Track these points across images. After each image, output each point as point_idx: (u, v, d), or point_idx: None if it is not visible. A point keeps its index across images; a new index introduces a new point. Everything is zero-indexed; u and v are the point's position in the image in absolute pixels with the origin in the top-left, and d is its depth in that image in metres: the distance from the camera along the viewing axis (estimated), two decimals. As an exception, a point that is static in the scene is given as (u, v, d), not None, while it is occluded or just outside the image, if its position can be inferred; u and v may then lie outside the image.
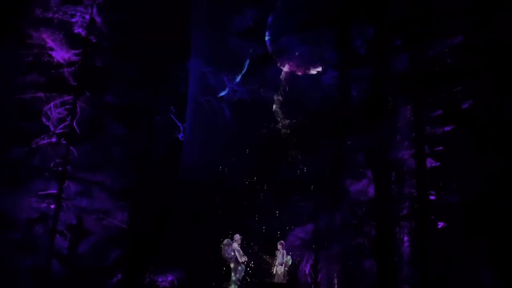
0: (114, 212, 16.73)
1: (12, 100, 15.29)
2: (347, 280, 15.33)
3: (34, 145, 14.93)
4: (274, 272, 14.56)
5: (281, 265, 14.41)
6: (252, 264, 15.06)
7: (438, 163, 12.55)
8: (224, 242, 14.62)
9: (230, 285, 14.32)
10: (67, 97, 14.86)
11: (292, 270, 15.96)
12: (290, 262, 14.53)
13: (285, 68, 17.23)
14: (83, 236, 16.04)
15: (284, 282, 14.30)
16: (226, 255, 14.29)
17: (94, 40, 14.94)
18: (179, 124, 20.05)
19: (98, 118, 16.56)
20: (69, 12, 14.98)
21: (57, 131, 15.10)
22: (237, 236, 14.49)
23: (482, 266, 11.76)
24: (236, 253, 14.19)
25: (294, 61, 16.79)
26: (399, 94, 12.86)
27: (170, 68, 18.99)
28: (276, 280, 14.44)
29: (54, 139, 14.91)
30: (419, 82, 12.31)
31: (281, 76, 16.77)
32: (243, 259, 14.18)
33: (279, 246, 14.61)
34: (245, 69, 17.49)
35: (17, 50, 15.04)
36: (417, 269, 13.05)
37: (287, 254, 14.54)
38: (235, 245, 14.24)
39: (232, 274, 14.27)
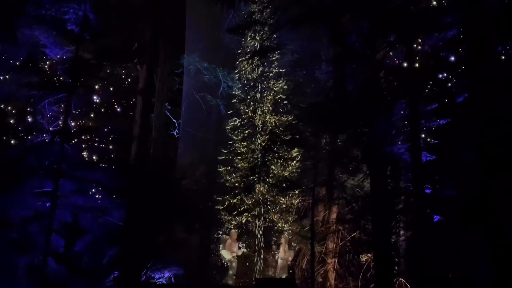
0: (110, 210, 16.73)
1: (6, 98, 15.23)
2: (343, 274, 15.39)
3: (29, 143, 14.87)
4: (277, 265, 14.62)
5: (282, 259, 14.44)
6: (254, 258, 15.11)
7: (434, 157, 12.56)
8: (223, 237, 14.68)
9: (227, 280, 14.39)
10: (61, 95, 14.76)
11: (290, 264, 16.01)
12: (292, 256, 14.54)
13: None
14: (79, 234, 16.04)
15: (285, 275, 14.34)
16: (224, 251, 14.40)
17: (87, 37, 14.82)
18: (174, 121, 20.02)
19: (92, 115, 16.57)
20: (62, 9, 14.85)
21: (51, 129, 15.04)
22: (232, 232, 14.59)
23: (479, 259, 11.79)
24: (233, 248, 14.30)
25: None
26: (394, 88, 12.84)
27: (164, 64, 18.92)
28: (277, 273, 14.48)
29: (48, 137, 14.85)
30: (414, 76, 12.28)
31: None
32: (239, 253, 14.31)
33: (282, 240, 14.64)
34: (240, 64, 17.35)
35: (9, 48, 14.94)
36: (414, 263, 13.10)
37: (289, 248, 14.57)
38: (229, 241, 14.35)
39: (230, 269, 14.36)
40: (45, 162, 14.48)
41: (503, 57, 12.04)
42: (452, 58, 12.85)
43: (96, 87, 17.70)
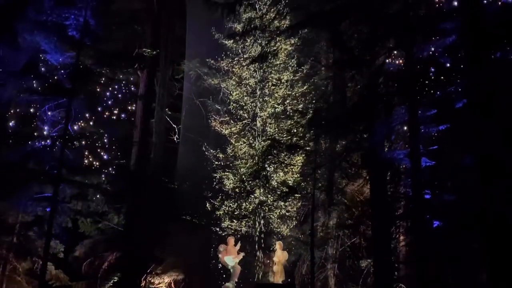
0: (110, 215, 16.75)
1: (6, 103, 15.24)
2: (343, 280, 15.36)
3: (29, 148, 14.85)
4: (273, 270, 14.57)
5: (277, 262, 14.38)
6: (253, 265, 15.08)
7: (433, 162, 12.55)
8: (220, 246, 14.64)
9: (228, 286, 14.34)
10: (61, 100, 14.78)
11: (290, 270, 15.96)
12: (286, 257, 14.45)
13: None
14: (79, 239, 16.05)
15: (282, 281, 14.28)
16: (226, 257, 14.41)
17: (88, 43, 14.86)
18: (174, 126, 20.07)
19: (92, 120, 16.58)
20: (63, 15, 14.89)
21: (52, 134, 15.04)
22: (229, 238, 14.55)
23: (478, 265, 11.77)
24: (233, 253, 14.28)
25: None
26: (393, 93, 12.86)
27: (165, 69, 18.99)
28: (274, 278, 14.42)
29: (49, 142, 14.85)
30: (414, 82, 12.31)
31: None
32: (240, 257, 14.28)
33: (277, 246, 14.60)
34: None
35: (10, 53, 14.96)
36: (413, 268, 13.05)
37: (283, 249, 14.49)
38: (229, 247, 14.31)
39: (233, 275, 14.32)
40: (45, 167, 14.46)
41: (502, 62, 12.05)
42: (451, 64, 12.87)
43: (97, 92, 17.75)
